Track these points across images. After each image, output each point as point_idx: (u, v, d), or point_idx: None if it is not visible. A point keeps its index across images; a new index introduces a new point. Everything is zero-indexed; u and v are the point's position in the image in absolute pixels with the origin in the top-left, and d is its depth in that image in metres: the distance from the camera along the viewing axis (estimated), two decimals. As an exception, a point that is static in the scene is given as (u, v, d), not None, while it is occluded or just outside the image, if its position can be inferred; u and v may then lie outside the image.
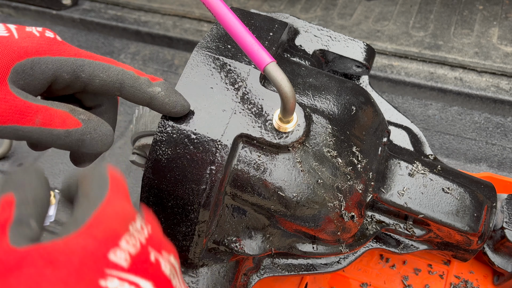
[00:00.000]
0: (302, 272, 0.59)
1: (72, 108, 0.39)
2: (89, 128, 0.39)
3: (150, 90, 0.42)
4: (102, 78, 0.41)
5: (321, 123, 0.50)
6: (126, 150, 0.98)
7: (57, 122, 0.38)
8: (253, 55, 0.42)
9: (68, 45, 0.40)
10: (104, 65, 0.41)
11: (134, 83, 0.42)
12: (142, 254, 0.26)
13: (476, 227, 0.57)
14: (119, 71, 0.41)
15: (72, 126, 0.38)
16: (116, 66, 0.41)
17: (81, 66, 0.40)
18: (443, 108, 0.97)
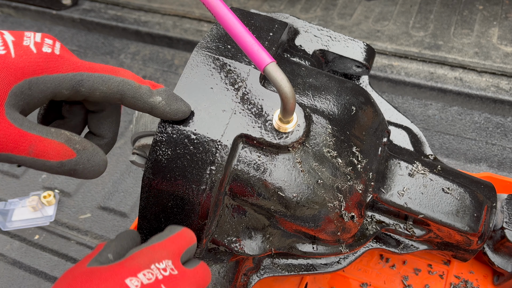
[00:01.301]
0: (302, 272, 0.59)
1: (68, 137, 0.39)
2: (83, 159, 0.39)
3: (151, 100, 0.42)
4: (103, 91, 0.40)
5: (321, 123, 0.50)
6: (126, 150, 0.98)
7: (51, 154, 0.37)
8: (253, 55, 0.42)
9: (67, 59, 0.39)
10: (103, 78, 0.40)
11: (135, 94, 0.41)
12: (152, 286, 0.35)
13: (476, 227, 0.57)
14: (119, 82, 0.41)
15: (66, 157, 0.38)
16: (116, 76, 0.41)
17: (80, 81, 0.39)
18: (443, 108, 0.97)
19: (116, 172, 0.94)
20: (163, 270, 0.36)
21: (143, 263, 0.36)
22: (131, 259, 0.37)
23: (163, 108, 0.43)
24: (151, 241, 0.39)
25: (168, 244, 0.39)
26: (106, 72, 0.40)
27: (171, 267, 0.37)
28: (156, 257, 0.37)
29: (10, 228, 0.86)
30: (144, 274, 0.35)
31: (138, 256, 0.37)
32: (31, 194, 0.89)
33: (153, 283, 0.35)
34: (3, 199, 0.91)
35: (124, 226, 0.85)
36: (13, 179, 0.94)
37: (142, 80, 0.42)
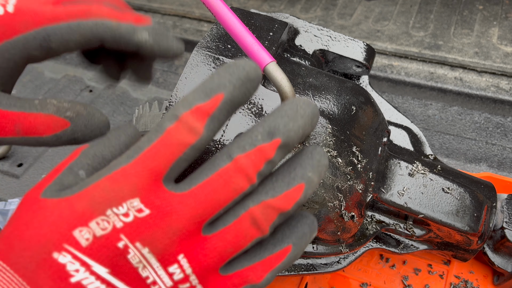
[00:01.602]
0: (302, 272, 0.58)
1: (56, 107, 0.34)
2: (79, 126, 0.35)
3: (136, 39, 0.36)
4: (76, 41, 0.34)
5: (321, 123, 0.50)
6: (126, 150, 0.97)
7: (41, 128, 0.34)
8: (253, 55, 0.42)
9: (24, 14, 0.34)
10: (71, 26, 0.34)
11: (114, 34, 0.35)
12: (107, 238, 0.27)
13: (476, 227, 0.57)
14: (92, 26, 0.34)
15: (59, 129, 0.34)
16: (86, 20, 0.34)
17: (47, 37, 0.34)
18: (443, 108, 0.97)
19: (116, 172, 0.94)
20: (124, 216, 0.27)
21: (97, 206, 0.27)
22: (84, 196, 0.28)
23: (151, 47, 0.36)
24: (118, 161, 0.29)
25: (137, 168, 0.28)
26: (74, 17, 0.34)
27: (137, 207, 0.27)
28: (114, 198, 0.27)
29: (10, 228, 0.86)
30: (97, 222, 0.27)
31: (93, 195, 0.28)
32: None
33: (108, 235, 0.27)
34: (3, 199, 0.91)
35: (124, 226, 0.85)
36: (13, 179, 0.94)
37: (122, 15, 0.36)
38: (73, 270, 0.26)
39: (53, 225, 0.27)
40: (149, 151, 0.28)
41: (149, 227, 0.28)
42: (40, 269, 0.26)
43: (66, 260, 0.26)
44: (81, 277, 0.26)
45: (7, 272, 0.27)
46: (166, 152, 0.28)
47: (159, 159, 0.28)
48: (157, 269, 0.28)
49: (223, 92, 0.28)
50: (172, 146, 0.28)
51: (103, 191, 0.28)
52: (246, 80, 0.29)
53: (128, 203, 0.27)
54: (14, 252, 0.27)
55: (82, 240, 0.27)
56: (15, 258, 0.27)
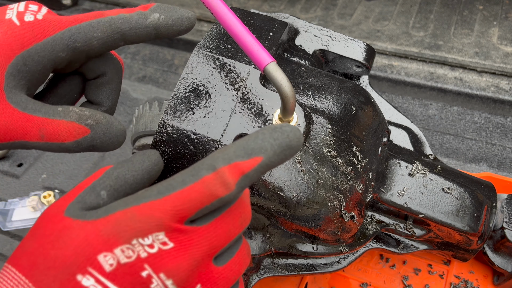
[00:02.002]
0: (302, 272, 0.58)
1: (77, 114, 0.36)
2: (99, 133, 0.37)
3: (150, 21, 0.38)
4: (98, 37, 0.37)
5: (321, 123, 0.50)
6: (126, 150, 0.98)
7: (64, 135, 0.35)
8: (253, 55, 0.42)
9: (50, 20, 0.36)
10: (92, 24, 0.37)
11: (131, 24, 0.38)
12: (132, 267, 0.28)
13: (476, 227, 0.57)
14: (110, 21, 0.37)
15: (80, 136, 0.36)
16: (104, 17, 0.38)
17: (71, 36, 0.36)
18: (443, 108, 0.97)
19: (116, 172, 0.94)
20: (149, 247, 0.28)
21: (123, 234, 0.28)
22: (110, 222, 0.29)
23: (166, 23, 0.39)
24: (148, 193, 0.30)
25: (166, 206, 0.29)
26: (93, 17, 0.38)
27: (162, 240, 0.29)
28: (141, 229, 0.29)
29: (10, 228, 0.86)
30: (122, 250, 0.28)
31: (119, 222, 0.29)
32: (31, 194, 0.89)
33: (133, 263, 0.28)
34: (3, 199, 0.91)
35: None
36: (13, 179, 0.94)
37: (130, 9, 0.39)
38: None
39: (78, 247, 0.28)
40: (181, 193, 0.30)
41: (173, 259, 0.29)
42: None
43: (89, 283, 0.27)
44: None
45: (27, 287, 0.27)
46: (197, 199, 0.30)
47: (188, 204, 0.30)
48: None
49: (263, 156, 0.30)
50: (203, 195, 0.30)
51: (130, 220, 0.29)
52: (287, 148, 0.30)
53: (154, 236, 0.29)
54: (38, 270, 0.28)
55: (106, 265, 0.28)
56: (38, 275, 0.28)
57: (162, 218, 0.29)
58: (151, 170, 0.35)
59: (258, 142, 0.30)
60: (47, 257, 0.28)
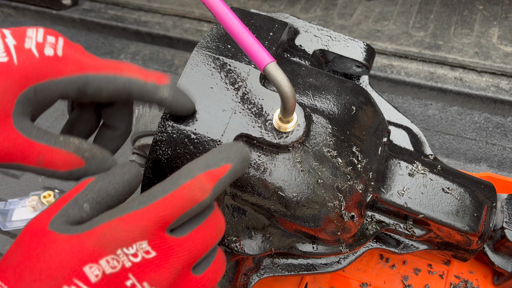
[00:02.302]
0: (302, 272, 0.59)
1: (76, 146, 0.38)
2: (92, 167, 0.38)
3: (158, 97, 0.41)
4: (109, 91, 0.39)
5: (321, 123, 0.50)
6: (126, 150, 0.97)
7: (60, 163, 0.37)
8: (253, 55, 0.42)
9: (70, 59, 0.38)
10: (109, 78, 0.39)
11: (141, 92, 0.40)
12: (116, 276, 0.30)
13: (476, 227, 0.57)
14: (125, 82, 0.40)
15: (75, 166, 0.37)
16: (121, 76, 0.39)
17: (86, 83, 0.38)
18: (443, 108, 0.97)
19: (116, 172, 0.94)
20: (133, 256, 0.30)
21: (108, 245, 0.30)
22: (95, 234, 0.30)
23: (169, 104, 0.42)
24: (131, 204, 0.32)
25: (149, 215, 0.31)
26: (111, 71, 0.39)
27: (145, 249, 0.31)
28: (125, 239, 0.30)
29: (10, 228, 0.86)
30: (107, 260, 0.29)
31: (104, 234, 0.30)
32: (31, 194, 0.89)
33: (118, 273, 0.29)
34: (3, 199, 0.91)
35: (124, 226, 0.85)
36: (13, 179, 0.94)
37: (147, 74, 0.41)
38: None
39: (64, 260, 0.29)
40: (162, 201, 0.32)
41: (156, 268, 0.31)
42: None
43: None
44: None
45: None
46: (178, 205, 0.32)
47: (170, 210, 0.32)
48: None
49: (231, 163, 0.34)
50: (184, 200, 0.32)
51: (115, 231, 0.30)
52: (245, 159, 0.36)
53: (138, 245, 0.30)
54: (25, 282, 0.29)
55: (91, 276, 0.29)
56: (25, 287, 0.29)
57: (146, 226, 0.31)
58: (131, 182, 0.36)
59: (224, 153, 0.35)
60: (33, 269, 0.29)
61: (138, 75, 0.40)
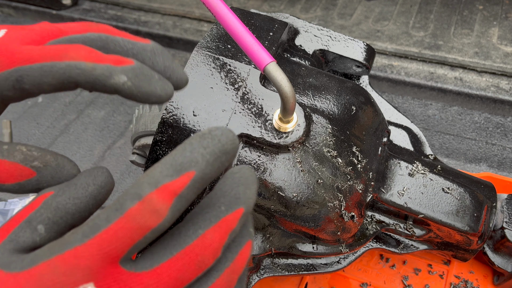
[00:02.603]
0: (302, 272, 0.59)
1: (24, 155, 0.32)
2: (46, 177, 0.32)
3: (112, 82, 0.32)
4: (50, 83, 0.32)
5: (321, 123, 0.50)
6: (126, 150, 0.98)
7: (3, 176, 0.32)
8: (253, 55, 0.42)
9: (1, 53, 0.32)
10: (44, 67, 0.32)
11: (89, 78, 0.32)
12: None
13: (476, 227, 0.57)
14: (65, 69, 0.32)
15: (23, 178, 0.32)
16: (60, 62, 0.32)
17: (19, 77, 0.32)
18: (443, 108, 0.97)
19: (116, 172, 0.94)
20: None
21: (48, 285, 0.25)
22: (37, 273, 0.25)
23: (130, 90, 0.32)
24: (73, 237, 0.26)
25: (92, 250, 0.25)
26: (48, 58, 0.32)
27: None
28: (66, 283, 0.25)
29: (10, 228, 0.86)
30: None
31: (41, 275, 0.25)
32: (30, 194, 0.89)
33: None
34: (3, 199, 0.91)
35: (124, 226, 0.85)
36: (13, 179, 0.94)
37: (100, 56, 0.33)
38: None
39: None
40: (106, 233, 0.25)
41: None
42: None
43: None
44: None
45: None
46: (125, 235, 0.25)
47: (116, 243, 0.25)
48: None
49: (194, 169, 0.26)
50: (131, 230, 0.25)
51: (53, 274, 0.25)
52: (221, 154, 0.27)
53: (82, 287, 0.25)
54: None
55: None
56: None
57: (89, 265, 0.25)
58: (97, 194, 0.31)
59: (186, 154, 0.26)
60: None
61: (86, 59, 0.32)
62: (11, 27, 0.34)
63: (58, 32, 0.34)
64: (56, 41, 0.34)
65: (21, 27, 0.34)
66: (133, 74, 0.32)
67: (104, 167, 0.33)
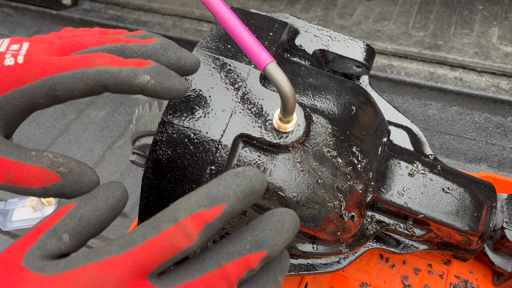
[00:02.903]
0: (302, 272, 0.59)
1: (50, 161, 0.35)
2: (69, 182, 0.35)
3: (138, 82, 0.36)
4: (81, 88, 0.36)
5: (321, 123, 0.50)
6: (126, 150, 0.98)
7: (32, 180, 0.34)
8: (253, 55, 0.42)
9: (32, 64, 0.35)
10: (76, 74, 0.35)
11: (117, 80, 0.36)
12: None
13: (476, 227, 0.57)
14: (95, 74, 0.35)
15: (49, 182, 0.35)
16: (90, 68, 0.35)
17: (52, 85, 0.35)
18: (443, 108, 0.97)
19: (116, 172, 0.94)
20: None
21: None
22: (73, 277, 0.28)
23: (153, 88, 0.37)
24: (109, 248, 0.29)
25: (126, 263, 0.28)
26: (78, 66, 0.35)
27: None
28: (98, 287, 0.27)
29: (10, 228, 0.86)
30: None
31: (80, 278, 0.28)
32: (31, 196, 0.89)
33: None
34: (3, 199, 0.91)
35: (124, 226, 0.86)
36: (13, 179, 0.94)
37: (123, 61, 0.37)
38: None
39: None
40: (141, 248, 0.28)
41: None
42: None
43: None
44: None
45: None
46: (158, 253, 0.28)
47: (149, 258, 0.28)
48: None
49: (225, 204, 0.29)
50: (165, 248, 0.28)
51: (88, 279, 0.28)
52: (250, 193, 0.30)
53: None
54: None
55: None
56: None
57: (122, 276, 0.28)
58: (115, 207, 0.34)
59: (220, 189, 0.29)
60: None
61: (111, 64, 0.36)
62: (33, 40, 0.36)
63: (78, 45, 0.37)
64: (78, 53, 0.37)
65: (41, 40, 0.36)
66: (155, 72, 0.36)
67: (120, 182, 0.36)
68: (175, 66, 0.40)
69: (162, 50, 0.39)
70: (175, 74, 0.38)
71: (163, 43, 0.39)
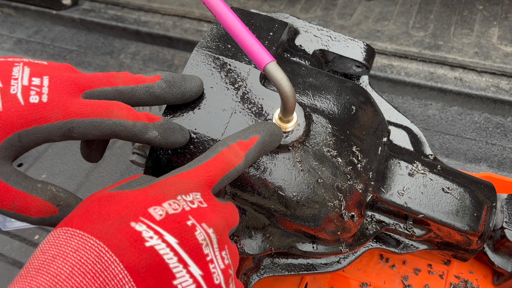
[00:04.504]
0: (302, 272, 0.58)
1: (53, 194, 0.39)
2: (66, 213, 0.39)
3: (147, 136, 0.41)
4: (95, 134, 0.39)
5: (321, 123, 0.50)
6: (126, 150, 0.98)
7: (33, 210, 0.38)
8: (253, 55, 0.42)
9: (55, 105, 0.37)
10: (94, 123, 0.39)
11: (129, 133, 0.41)
12: (178, 216, 0.32)
13: (476, 227, 0.57)
14: (112, 126, 0.39)
15: (48, 214, 0.38)
16: (108, 119, 0.39)
17: (71, 128, 0.38)
18: (443, 108, 0.97)
19: (116, 172, 0.94)
20: (190, 203, 0.34)
21: (168, 192, 0.33)
22: (156, 186, 0.34)
23: (159, 142, 0.43)
24: (181, 168, 0.37)
25: (198, 173, 0.36)
26: (98, 115, 0.39)
27: (199, 199, 0.34)
28: (183, 188, 0.34)
29: (10, 228, 0.86)
30: (169, 204, 0.32)
31: (163, 185, 0.34)
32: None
33: (179, 214, 0.32)
34: (3, 199, 0.91)
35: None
36: (13, 179, 0.94)
37: (136, 115, 0.41)
38: (147, 236, 0.30)
39: (130, 204, 0.32)
40: (207, 163, 0.37)
41: (211, 214, 0.34)
42: (119, 233, 0.30)
43: (142, 228, 0.30)
44: (154, 242, 0.30)
45: (83, 236, 0.29)
46: (219, 166, 0.37)
47: (214, 170, 0.37)
48: (215, 250, 0.33)
49: (259, 135, 0.40)
50: (223, 163, 0.38)
51: (174, 183, 0.34)
52: (273, 134, 0.42)
53: (193, 194, 0.34)
54: (93, 223, 0.30)
55: (156, 215, 0.31)
56: (93, 226, 0.30)
57: (198, 181, 0.35)
58: None
59: (253, 128, 0.41)
60: (101, 213, 0.31)
61: (127, 117, 0.40)
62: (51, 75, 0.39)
63: (90, 83, 0.41)
64: (91, 92, 0.40)
65: (58, 76, 0.39)
66: (162, 129, 0.43)
67: None
68: (181, 100, 0.46)
69: (168, 88, 0.44)
70: (180, 128, 0.44)
71: (167, 81, 0.44)
